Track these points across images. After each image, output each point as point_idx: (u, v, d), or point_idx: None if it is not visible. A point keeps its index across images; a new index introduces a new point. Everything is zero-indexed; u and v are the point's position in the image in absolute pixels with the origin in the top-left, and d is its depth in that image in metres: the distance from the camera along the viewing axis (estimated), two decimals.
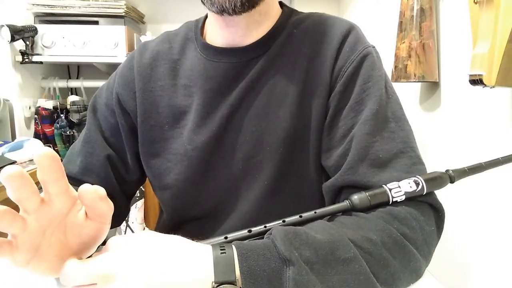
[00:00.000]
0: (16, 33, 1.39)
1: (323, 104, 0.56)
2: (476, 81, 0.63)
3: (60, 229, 0.37)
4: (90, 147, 0.62)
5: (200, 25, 0.63)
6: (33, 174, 0.33)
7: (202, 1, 0.53)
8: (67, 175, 0.61)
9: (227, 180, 0.59)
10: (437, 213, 0.49)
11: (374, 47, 0.58)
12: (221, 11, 0.52)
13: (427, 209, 0.48)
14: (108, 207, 0.37)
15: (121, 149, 0.63)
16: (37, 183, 0.36)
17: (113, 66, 1.76)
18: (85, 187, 0.35)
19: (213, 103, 0.58)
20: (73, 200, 0.36)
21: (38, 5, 1.51)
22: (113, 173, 0.62)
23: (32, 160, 1.32)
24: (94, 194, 0.35)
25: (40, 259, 0.36)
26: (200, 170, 0.40)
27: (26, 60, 1.47)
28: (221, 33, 0.59)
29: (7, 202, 0.35)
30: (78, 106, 1.62)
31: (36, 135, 1.60)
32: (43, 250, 0.36)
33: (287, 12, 0.62)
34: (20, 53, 1.47)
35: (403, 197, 0.46)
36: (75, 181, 0.61)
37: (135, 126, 0.63)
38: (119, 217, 0.67)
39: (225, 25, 0.58)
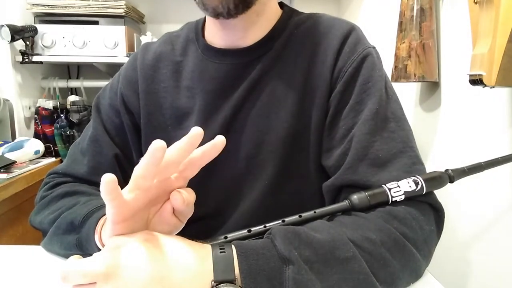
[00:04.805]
0: (16, 33, 1.39)
1: (323, 104, 0.56)
2: (476, 81, 0.63)
3: (149, 212, 0.41)
4: (97, 146, 0.62)
5: (200, 26, 0.64)
6: (34, 174, 0.34)
7: (197, 4, 0.53)
8: (73, 176, 0.62)
9: (229, 180, 0.59)
10: (437, 213, 0.49)
11: (374, 47, 0.58)
12: (216, 15, 0.52)
13: (427, 208, 0.48)
14: (190, 211, 0.42)
15: (127, 148, 0.63)
16: (41, 181, 0.37)
17: (113, 66, 1.76)
18: (178, 192, 0.40)
19: (216, 104, 0.58)
20: (166, 192, 0.41)
21: (38, 5, 1.51)
22: (121, 172, 0.62)
23: (32, 160, 1.33)
24: (188, 199, 0.40)
25: (124, 228, 0.38)
26: (203, 170, 0.41)
27: (26, 60, 1.47)
28: (219, 34, 0.59)
29: (7, 202, 0.35)
30: (78, 106, 1.62)
31: (36, 135, 1.60)
32: (130, 224, 0.39)
33: (288, 13, 0.62)
34: (20, 53, 1.47)
35: (403, 197, 0.46)
36: (83, 181, 0.61)
37: (139, 126, 0.63)
38: None
39: (222, 28, 0.58)
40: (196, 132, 0.38)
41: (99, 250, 0.45)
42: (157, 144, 0.35)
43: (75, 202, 0.55)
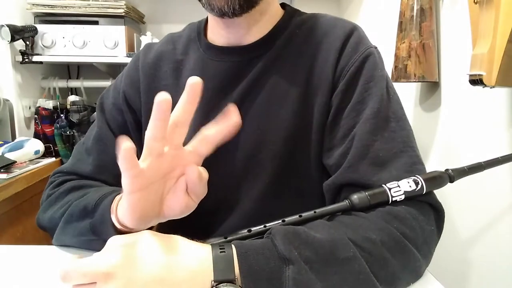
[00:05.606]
0: (16, 33, 1.39)
1: (325, 104, 0.56)
2: (476, 81, 0.63)
3: (164, 187, 0.41)
4: (102, 145, 0.62)
5: (202, 26, 0.64)
6: (34, 174, 0.34)
7: (202, 5, 0.54)
8: (79, 174, 0.63)
9: (228, 178, 0.59)
10: (437, 212, 0.49)
11: (376, 47, 0.58)
12: (221, 15, 0.53)
13: (427, 208, 0.48)
14: (204, 189, 0.41)
15: None
16: (41, 181, 0.37)
17: (113, 66, 1.76)
18: (194, 166, 0.39)
19: (215, 102, 0.59)
20: (181, 166, 0.41)
21: (38, 5, 1.51)
22: None
23: (32, 160, 1.33)
24: (201, 173, 0.40)
25: (140, 198, 0.39)
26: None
27: (26, 60, 1.47)
28: (222, 33, 0.60)
29: (7, 202, 0.35)
30: (78, 106, 1.61)
31: (36, 135, 1.60)
32: (145, 195, 0.39)
33: (290, 13, 0.62)
34: (20, 53, 1.46)
35: (403, 197, 0.46)
36: (88, 179, 0.61)
37: (142, 124, 0.63)
38: None
39: (225, 27, 0.58)
40: (194, 81, 0.38)
41: (115, 231, 0.45)
42: (161, 96, 0.36)
43: (84, 193, 0.55)
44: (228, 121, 0.40)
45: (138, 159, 0.38)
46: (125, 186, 0.38)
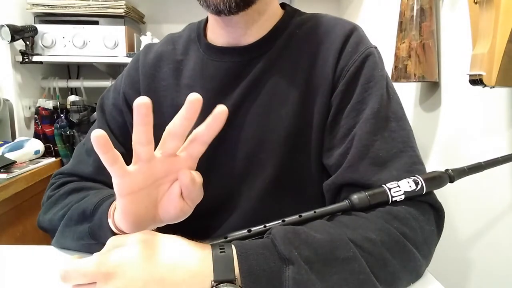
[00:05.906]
0: (16, 33, 1.39)
1: (325, 104, 0.56)
2: (476, 81, 0.63)
3: (157, 191, 0.41)
4: None
5: (202, 26, 0.64)
6: (34, 174, 0.34)
7: (199, 1, 0.54)
8: (79, 175, 0.63)
9: (228, 178, 0.59)
10: (437, 212, 0.49)
11: (376, 47, 0.58)
12: (217, 12, 0.53)
13: (427, 208, 0.48)
14: (200, 194, 0.41)
15: (130, 147, 0.64)
16: (41, 181, 0.38)
17: (113, 66, 1.76)
18: (187, 171, 0.39)
19: (215, 102, 0.58)
20: (174, 171, 0.40)
21: (38, 5, 1.51)
22: None
23: (32, 160, 1.33)
24: (194, 178, 0.39)
25: (132, 202, 0.40)
26: (202, 168, 0.41)
27: (26, 60, 1.47)
28: (221, 32, 0.60)
29: (7, 202, 0.35)
30: (78, 106, 1.61)
31: (36, 135, 1.60)
32: (137, 199, 0.40)
33: (290, 13, 0.62)
34: (20, 53, 1.46)
35: (403, 197, 0.46)
36: (89, 180, 0.61)
37: None
38: None
39: (224, 25, 0.58)
40: (194, 98, 0.38)
41: (112, 234, 0.45)
42: (139, 100, 0.36)
43: (84, 195, 0.55)
44: (215, 112, 0.40)
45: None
46: (116, 189, 0.39)
